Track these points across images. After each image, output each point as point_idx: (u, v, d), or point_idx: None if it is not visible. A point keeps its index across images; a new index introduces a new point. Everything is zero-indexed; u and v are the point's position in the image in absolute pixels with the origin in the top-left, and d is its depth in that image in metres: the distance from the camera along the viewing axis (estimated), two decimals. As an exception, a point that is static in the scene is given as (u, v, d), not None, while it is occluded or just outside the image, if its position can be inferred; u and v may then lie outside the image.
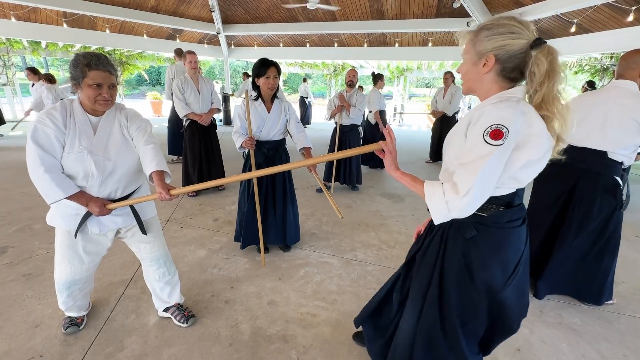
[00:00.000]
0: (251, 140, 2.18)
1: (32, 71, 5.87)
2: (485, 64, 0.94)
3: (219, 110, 3.90)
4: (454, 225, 1.08)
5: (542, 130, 0.90)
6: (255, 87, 2.27)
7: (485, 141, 0.87)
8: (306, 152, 2.28)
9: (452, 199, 0.90)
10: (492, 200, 0.99)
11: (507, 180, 0.97)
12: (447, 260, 1.09)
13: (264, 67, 2.16)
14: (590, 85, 5.89)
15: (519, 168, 0.93)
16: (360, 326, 1.58)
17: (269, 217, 2.45)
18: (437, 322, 1.14)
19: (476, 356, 1.22)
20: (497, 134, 0.85)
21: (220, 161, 3.99)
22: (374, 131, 5.06)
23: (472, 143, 0.90)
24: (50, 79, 5.57)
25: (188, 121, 3.64)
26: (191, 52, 3.64)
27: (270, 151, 2.37)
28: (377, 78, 5.06)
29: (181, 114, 3.57)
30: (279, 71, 2.22)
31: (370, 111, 5.00)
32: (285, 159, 2.46)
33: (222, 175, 3.97)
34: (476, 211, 0.99)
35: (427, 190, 0.96)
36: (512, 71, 0.94)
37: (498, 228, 1.02)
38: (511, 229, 1.04)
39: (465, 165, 0.90)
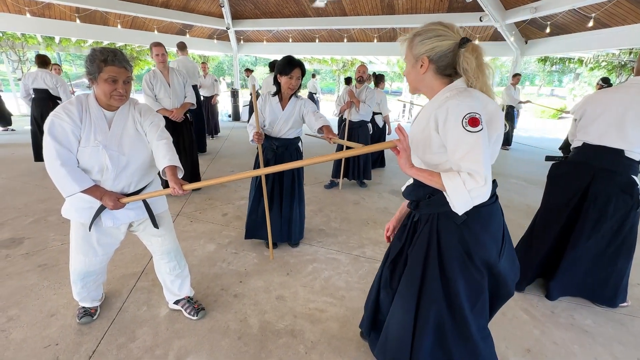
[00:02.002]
0: (259, 135, 2.17)
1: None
2: (421, 65, 1.06)
3: (192, 105, 3.61)
4: (442, 215, 1.13)
5: (497, 106, 1.04)
6: (276, 83, 2.25)
7: (468, 130, 0.94)
8: (325, 129, 2.12)
9: (474, 187, 0.94)
10: None
11: None
12: (445, 249, 1.13)
13: (289, 66, 2.13)
14: (605, 82, 5.71)
15: (492, 144, 1.04)
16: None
17: (274, 216, 2.45)
18: (447, 314, 1.17)
19: (487, 340, 1.25)
20: (474, 121, 0.94)
21: (195, 160, 3.76)
22: (381, 132, 4.99)
23: (456, 138, 0.96)
24: (39, 62, 4.54)
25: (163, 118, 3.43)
26: (157, 44, 3.31)
27: (279, 148, 2.36)
28: (379, 79, 4.98)
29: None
30: (303, 72, 2.19)
31: (379, 113, 4.87)
32: (296, 158, 2.44)
33: (196, 176, 3.78)
34: None
35: (447, 183, 0.98)
36: (446, 68, 1.06)
37: (483, 206, 1.07)
38: (492, 205, 1.13)
39: (466, 158, 0.95)
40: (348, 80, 4.91)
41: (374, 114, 4.69)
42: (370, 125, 4.17)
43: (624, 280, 1.95)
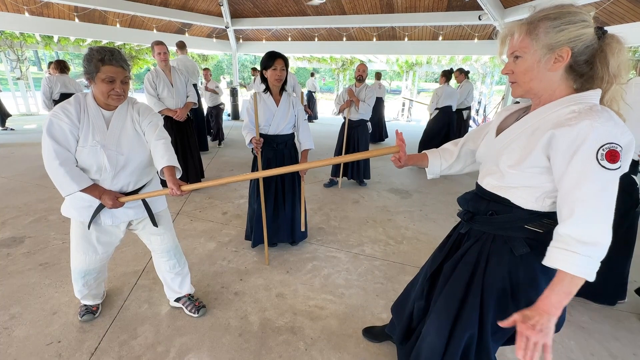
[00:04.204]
0: (257, 142, 2.20)
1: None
2: (557, 58, 0.82)
3: (195, 105, 3.68)
4: (499, 239, 0.99)
5: (632, 137, 0.79)
6: (264, 80, 2.28)
7: (603, 166, 0.74)
8: (303, 154, 2.36)
9: (594, 252, 0.77)
10: (550, 215, 0.92)
11: None
12: (489, 276, 1.01)
13: (271, 59, 2.19)
14: None
15: None
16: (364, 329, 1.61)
17: (280, 216, 2.46)
18: (475, 340, 1.08)
19: None
20: (613, 155, 0.73)
21: (199, 158, 3.85)
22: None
23: (582, 171, 0.76)
24: (61, 67, 4.72)
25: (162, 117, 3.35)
26: (159, 43, 3.32)
27: (279, 146, 2.37)
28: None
29: (154, 110, 3.29)
30: (286, 63, 2.24)
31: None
32: (295, 155, 2.47)
33: (201, 174, 3.89)
34: (530, 227, 0.93)
35: (567, 268, 0.80)
36: (585, 64, 0.83)
37: None
38: None
39: (589, 202, 0.76)
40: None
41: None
42: (369, 124, 4.18)
43: (622, 279, 1.97)
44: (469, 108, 5.33)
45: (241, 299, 1.98)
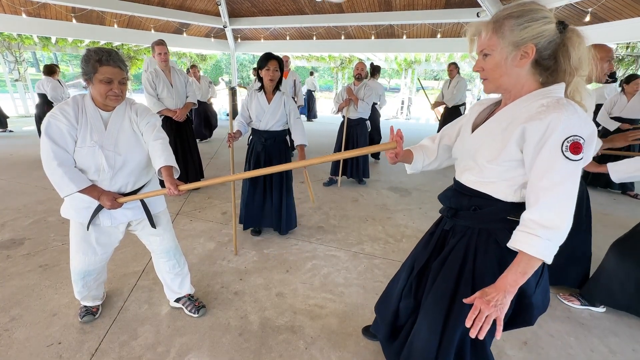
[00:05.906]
0: (231, 136, 2.34)
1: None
2: (523, 55, 0.86)
3: (194, 105, 3.66)
4: (484, 231, 1.02)
5: (595, 129, 0.83)
6: (259, 78, 2.44)
7: (567, 157, 0.80)
8: (299, 149, 2.47)
9: (554, 236, 0.82)
10: None
11: None
12: (479, 270, 1.03)
13: (266, 60, 2.35)
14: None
15: None
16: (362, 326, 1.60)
17: (267, 203, 2.65)
18: (468, 335, 1.08)
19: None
20: (576, 147, 0.79)
21: (198, 159, 3.85)
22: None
23: (548, 162, 0.82)
24: (46, 71, 5.17)
25: (161, 118, 3.34)
26: (160, 43, 3.28)
27: (268, 141, 2.52)
28: (376, 70, 5.10)
29: (154, 110, 3.19)
30: (280, 65, 2.39)
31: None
32: (284, 150, 2.62)
33: (200, 174, 3.90)
34: (512, 217, 0.96)
35: (531, 250, 0.84)
36: (549, 59, 0.88)
37: None
38: None
39: (553, 191, 0.81)
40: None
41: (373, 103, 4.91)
42: (368, 122, 4.18)
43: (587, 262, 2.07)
44: (464, 104, 5.33)
45: (241, 298, 1.99)
